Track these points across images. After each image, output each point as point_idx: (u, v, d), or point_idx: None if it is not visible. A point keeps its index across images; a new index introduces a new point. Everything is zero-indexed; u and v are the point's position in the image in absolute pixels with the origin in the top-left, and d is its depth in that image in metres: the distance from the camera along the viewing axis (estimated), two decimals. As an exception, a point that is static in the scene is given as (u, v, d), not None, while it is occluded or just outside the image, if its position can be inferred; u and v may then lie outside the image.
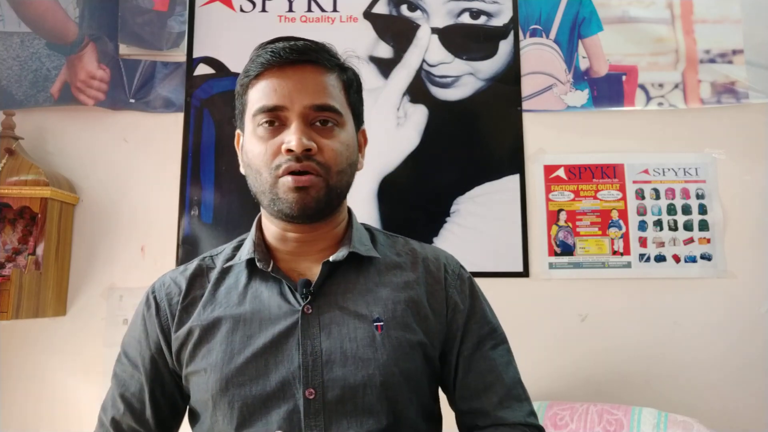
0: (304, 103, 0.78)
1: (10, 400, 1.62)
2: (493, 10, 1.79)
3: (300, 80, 0.78)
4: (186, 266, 0.89)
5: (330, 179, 0.79)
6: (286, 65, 0.79)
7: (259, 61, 0.80)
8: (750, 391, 1.59)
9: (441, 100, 1.75)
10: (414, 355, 0.80)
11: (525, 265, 1.66)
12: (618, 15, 1.78)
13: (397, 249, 0.90)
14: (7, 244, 1.61)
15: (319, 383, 0.75)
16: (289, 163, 0.76)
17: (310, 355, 0.76)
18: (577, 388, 1.59)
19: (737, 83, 1.72)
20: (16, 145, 1.62)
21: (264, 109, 0.78)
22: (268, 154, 0.78)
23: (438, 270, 0.88)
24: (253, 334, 0.79)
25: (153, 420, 0.83)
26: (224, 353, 0.78)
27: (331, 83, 0.81)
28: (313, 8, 1.80)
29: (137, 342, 0.86)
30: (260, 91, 0.80)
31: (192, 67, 1.77)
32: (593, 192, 1.70)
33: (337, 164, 0.79)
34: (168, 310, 0.84)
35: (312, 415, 0.74)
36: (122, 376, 0.86)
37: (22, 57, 1.76)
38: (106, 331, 1.64)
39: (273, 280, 0.83)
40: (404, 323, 0.80)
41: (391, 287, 0.83)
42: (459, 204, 1.70)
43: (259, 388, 0.75)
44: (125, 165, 1.73)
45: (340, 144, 0.80)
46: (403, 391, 0.78)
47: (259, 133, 0.79)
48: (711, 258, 1.66)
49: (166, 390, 0.84)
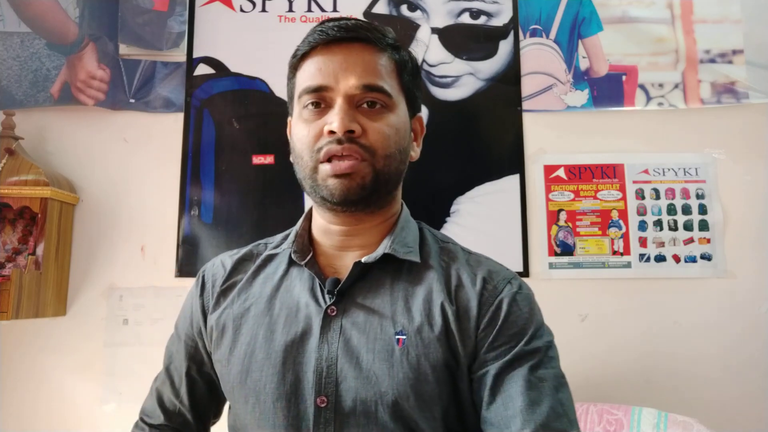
0: (350, 82, 0.73)
1: (9, 399, 1.62)
2: (493, 10, 1.79)
3: (346, 58, 0.74)
4: (239, 249, 0.88)
5: (376, 164, 0.73)
6: (332, 43, 0.74)
7: (308, 40, 0.76)
8: (750, 391, 1.59)
9: (441, 100, 1.75)
10: (433, 377, 0.71)
11: (525, 265, 1.66)
12: (618, 15, 1.78)
13: (446, 256, 0.82)
14: (7, 244, 1.61)
15: (333, 392, 0.71)
16: (330, 145, 0.72)
17: (326, 361, 0.72)
18: (577, 388, 1.58)
19: (737, 83, 1.72)
20: (16, 145, 1.62)
21: (308, 90, 0.74)
22: (310, 137, 0.74)
23: (487, 286, 0.77)
24: (276, 329, 0.76)
25: (187, 398, 0.84)
26: (248, 346, 0.76)
27: (381, 63, 0.76)
28: (313, 8, 1.80)
29: (184, 318, 0.87)
30: (306, 71, 0.76)
31: (192, 67, 1.77)
32: (593, 192, 1.70)
33: (384, 148, 0.74)
34: (211, 291, 0.84)
35: (322, 424, 0.70)
36: (170, 349, 0.88)
37: (22, 57, 1.76)
38: (106, 331, 1.64)
39: (309, 275, 0.79)
40: (429, 340, 0.72)
41: (423, 298, 0.75)
42: (459, 204, 1.70)
43: (274, 387, 0.73)
44: (125, 165, 1.73)
45: (388, 127, 0.74)
46: (417, 412, 0.70)
47: (304, 115, 0.75)
48: (711, 258, 1.66)
49: (203, 371, 0.85)
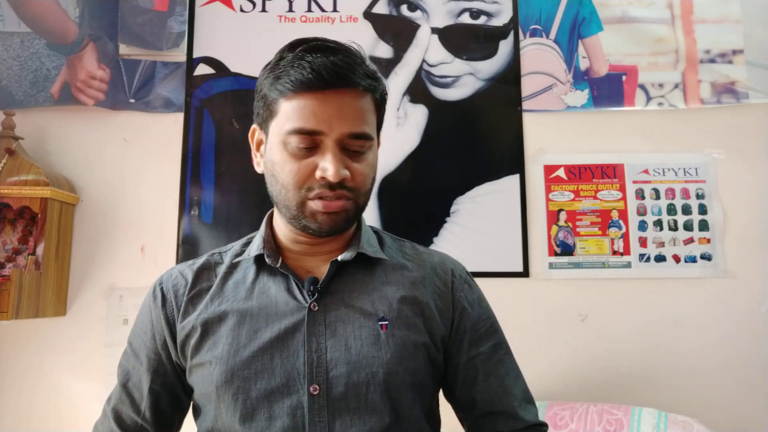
0: (342, 130, 0.77)
1: (9, 399, 1.62)
2: (493, 10, 1.79)
3: (339, 107, 0.78)
4: (194, 260, 0.91)
5: (359, 200, 0.81)
6: (327, 89, 0.77)
7: (297, 76, 0.77)
8: (750, 391, 1.59)
9: (441, 100, 1.75)
10: (418, 355, 0.81)
11: (525, 265, 1.66)
12: (618, 15, 1.78)
13: (404, 252, 0.92)
14: (7, 244, 1.61)
15: (324, 380, 0.76)
16: (322, 189, 0.77)
17: (315, 352, 0.78)
18: (577, 388, 1.59)
19: (737, 83, 1.72)
20: (16, 145, 1.62)
21: (302, 131, 0.77)
22: (300, 175, 0.78)
23: (445, 274, 0.90)
24: (260, 328, 0.80)
25: (151, 412, 0.84)
26: (230, 346, 0.79)
27: (366, 107, 0.81)
28: (313, 8, 1.80)
29: (142, 333, 0.87)
30: (298, 111, 0.77)
31: (192, 67, 1.77)
32: (593, 192, 1.70)
33: (365, 185, 0.82)
34: (174, 301, 0.85)
35: (316, 411, 0.75)
36: (126, 367, 0.87)
37: (22, 57, 1.76)
38: (106, 331, 1.64)
39: (281, 277, 0.84)
40: (409, 323, 0.82)
41: (397, 287, 0.85)
42: (459, 204, 1.70)
43: (264, 382, 0.76)
44: (125, 165, 1.73)
45: (368, 167, 0.82)
46: (406, 389, 0.79)
47: (292, 150, 0.78)
48: (711, 258, 1.66)
49: (167, 382, 0.85)
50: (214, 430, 0.79)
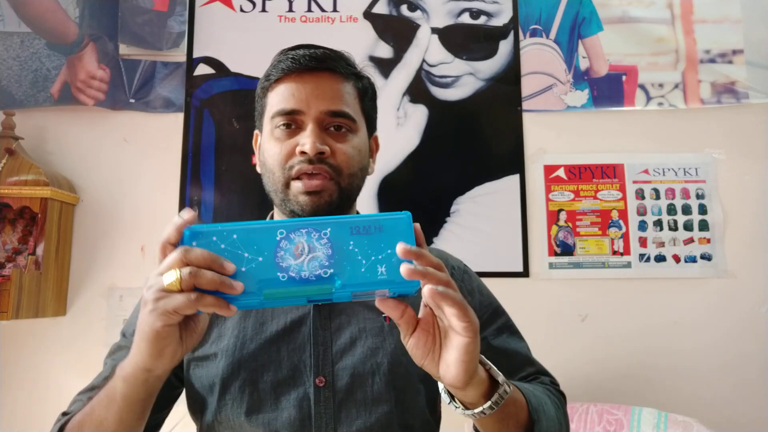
0: (320, 108, 0.81)
1: (10, 400, 1.62)
2: (493, 10, 1.79)
3: (317, 86, 0.82)
4: None
5: (342, 182, 0.82)
6: (304, 72, 0.82)
7: (280, 66, 0.83)
8: (750, 391, 1.59)
9: (441, 100, 1.75)
10: None
11: (525, 265, 1.66)
12: (618, 15, 1.78)
13: None
14: (7, 244, 1.61)
15: (329, 372, 0.78)
16: (302, 164, 0.79)
17: (321, 345, 0.79)
18: (577, 388, 1.59)
19: (737, 83, 1.72)
20: (16, 145, 1.62)
21: (282, 112, 0.82)
22: (282, 155, 0.81)
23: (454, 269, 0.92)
24: (266, 321, 0.81)
25: None
26: (236, 338, 0.80)
27: (347, 91, 0.84)
28: (313, 8, 1.80)
29: None
30: (279, 94, 0.83)
31: (192, 67, 1.77)
32: (593, 192, 1.70)
33: (349, 167, 0.82)
34: None
35: (322, 402, 0.77)
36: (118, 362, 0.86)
37: (22, 57, 1.76)
38: (106, 331, 1.64)
39: None
40: None
41: None
42: (459, 204, 1.70)
43: (271, 375, 0.78)
44: (125, 165, 1.73)
45: (352, 148, 0.83)
46: (410, 380, 0.80)
47: (276, 134, 0.83)
48: (711, 258, 1.66)
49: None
50: (216, 423, 0.79)
